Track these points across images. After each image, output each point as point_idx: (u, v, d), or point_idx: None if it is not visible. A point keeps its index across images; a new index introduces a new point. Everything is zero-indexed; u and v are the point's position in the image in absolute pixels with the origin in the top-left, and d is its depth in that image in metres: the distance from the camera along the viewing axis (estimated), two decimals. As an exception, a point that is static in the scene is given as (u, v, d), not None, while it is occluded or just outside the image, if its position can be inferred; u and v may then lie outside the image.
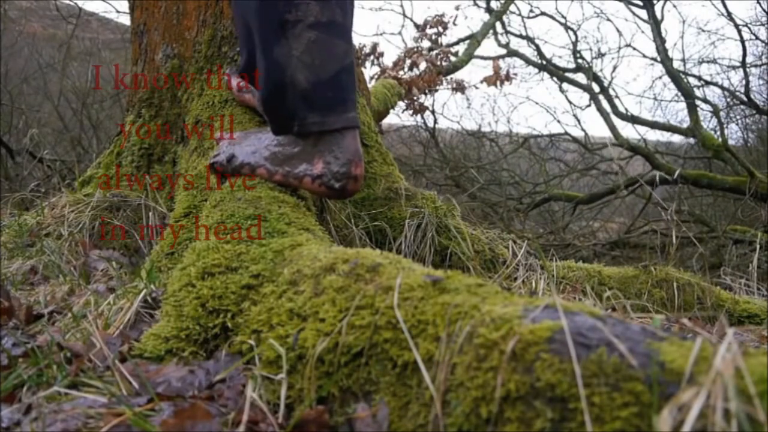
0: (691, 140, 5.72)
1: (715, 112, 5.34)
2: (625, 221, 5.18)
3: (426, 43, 4.93)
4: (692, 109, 5.29)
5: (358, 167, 1.07)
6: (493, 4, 5.96)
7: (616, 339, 0.44)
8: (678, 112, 9.30)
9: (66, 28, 5.13)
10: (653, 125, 5.92)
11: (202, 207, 1.13)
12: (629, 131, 13.78)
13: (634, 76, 24.72)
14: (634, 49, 8.45)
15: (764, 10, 5.47)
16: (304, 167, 1.08)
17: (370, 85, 3.50)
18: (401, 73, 4.39)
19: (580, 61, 6.28)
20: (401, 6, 14.43)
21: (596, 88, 6.01)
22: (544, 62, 6.33)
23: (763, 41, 5.77)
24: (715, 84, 5.97)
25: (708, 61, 6.19)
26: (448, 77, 4.78)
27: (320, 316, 0.66)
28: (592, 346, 0.45)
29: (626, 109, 5.85)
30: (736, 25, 5.30)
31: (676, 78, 5.48)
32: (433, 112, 5.74)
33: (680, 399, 0.39)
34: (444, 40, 5.05)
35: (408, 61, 4.50)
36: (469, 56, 5.17)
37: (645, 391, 0.41)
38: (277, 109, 1.10)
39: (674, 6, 14.48)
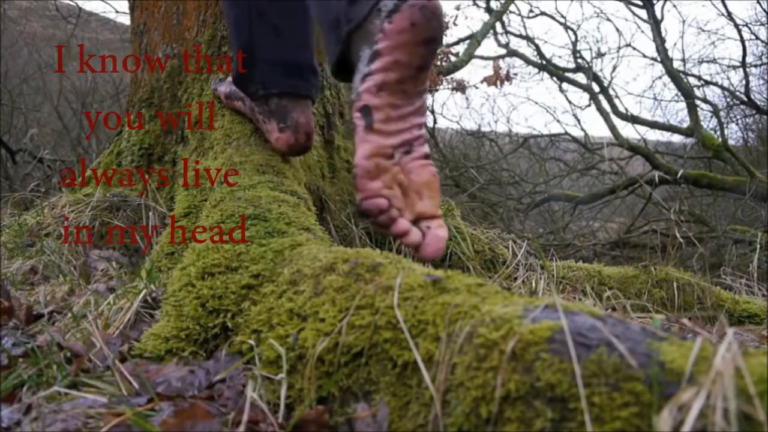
0: (691, 140, 5.72)
1: (715, 112, 5.34)
2: (625, 221, 5.17)
3: (426, 43, 4.91)
4: (692, 109, 5.29)
5: None
6: (493, 4, 5.96)
7: (616, 339, 0.44)
8: (678, 112, 9.30)
9: (66, 28, 5.13)
10: (653, 125, 5.91)
11: (202, 207, 1.13)
12: (629, 131, 13.77)
13: (634, 76, 24.70)
14: (634, 49, 8.47)
15: (764, 10, 5.47)
16: None
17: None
18: (401, 73, 4.37)
19: (580, 61, 6.28)
20: (401, 6, 14.35)
21: (596, 87, 6.01)
22: (544, 62, 6.33)
23: (763, 41, 5.78)
24: (715, 84, 5.97)
25: (708, 61, 6.20)
26: (448, 77, 4.78)
27: (320, 316, 0.66)
28: (592, 346, 0.45)
29: (626, 109, 5.86)
30: (736, 25, 5.30)
31: (676, 78, 5.48)
32: (432, 112, 5.74)
33: (680, 399, 0.39)
34: (444, 40, 5.04)
35: (408, 61, 4.48)
36: (469, 56, 5.17)
37: (645, 391, 0.41)
38: None
39: (674, 6, 14.48)
